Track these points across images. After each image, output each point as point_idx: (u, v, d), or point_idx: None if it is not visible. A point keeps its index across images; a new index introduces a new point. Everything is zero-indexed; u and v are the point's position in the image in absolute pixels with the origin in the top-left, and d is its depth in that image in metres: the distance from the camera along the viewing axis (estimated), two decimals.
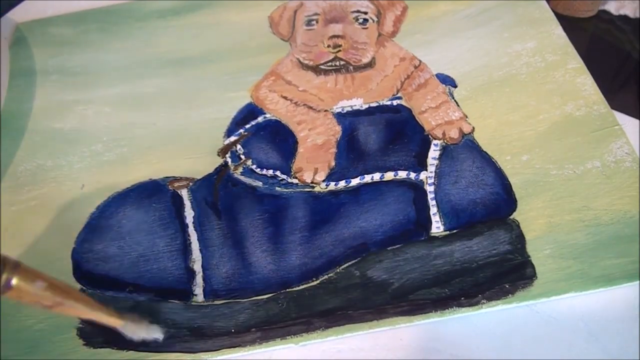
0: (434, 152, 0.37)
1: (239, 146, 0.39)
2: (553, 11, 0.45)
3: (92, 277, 0.34)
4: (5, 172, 0.40)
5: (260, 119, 0.41)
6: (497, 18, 0.45)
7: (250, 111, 0.42)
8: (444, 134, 0.38)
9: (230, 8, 0.49)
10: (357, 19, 0.44)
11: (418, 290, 0.32)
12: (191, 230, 0.35)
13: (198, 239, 0.35)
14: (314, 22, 0.45)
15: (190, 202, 0.36)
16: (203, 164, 0.39)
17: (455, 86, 0.41)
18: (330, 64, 0.43)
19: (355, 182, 0.37)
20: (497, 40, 0.44)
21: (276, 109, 0.41)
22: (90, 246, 0.35)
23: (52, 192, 0.39)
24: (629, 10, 0.48)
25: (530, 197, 0.35)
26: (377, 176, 0.37)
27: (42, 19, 0.51)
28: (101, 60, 0.47)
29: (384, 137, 0.39)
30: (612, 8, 0.48)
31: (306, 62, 0.43)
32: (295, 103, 0.41)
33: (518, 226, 0.34)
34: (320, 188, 0.37)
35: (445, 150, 0.38)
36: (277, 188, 0.37)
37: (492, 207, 0.35)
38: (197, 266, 0.34)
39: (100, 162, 0.40)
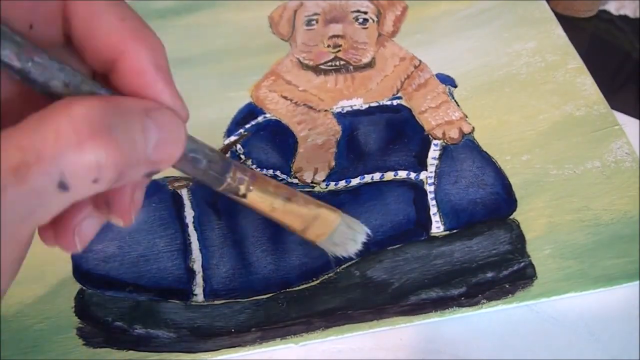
0: (434, 152, 0.37)
1: (239, 146, 0.39)
2: (553, 11, 0.45)
3: (92, 277, 0.34)
4: None
5: (260, 118, 0.41)
6: (497, 18, 0.45)
7: (250, 111, 0.42)
8: (444, 133, 0.38)
9: (230, 8, 0.49)
10: (357, 19, 0.44)
11: (418, 290, 0.32)
12: (191, 230, 0.35)
13: (198, 239, 0.35)
14: (314, 22, 0.45)
15: (190, 201, 0.36)
16: None
17: (455, 86, 0.41)
18: (330, 63, 0.43)
19: (355, 182, 0.37)
20: (497, 40, 0.44)
21: (276, 108, 0.41)
22: (90, 246, 0.35)
23: None
24: (629, 10, 0.48)
25: (530, 197, 0.35)
26: (377, 176, 0.37)
27: None
28: None
29: (384, 137, 0.39)
30: (612, 8, 0.48)
31: (306, 62, 0.43)
32: (296, 103, 0.41)
33: (518, 226, 0.34)
34: (321, 188, 0.37)
35: (445, 150, 0.38)
36: None
37: (492, 207, 0.35)
38: (197, 266, 0.34)
39: None
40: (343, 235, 0.26)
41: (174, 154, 0.18)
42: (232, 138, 0.40)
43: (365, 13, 0.45)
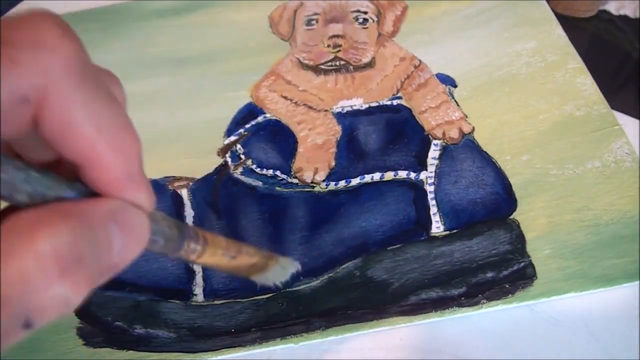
0: (434, 152, 0.37)
1: (239, 146, 0.39)
2: (553, 11, 0.45)
3: None
4: None
5: (260, 118, 0.41)
6: (497, 18, 0.45)
7: (250, 111, 0.42)
8: (444, 133, 0.38)
9: (230, 8, 0.49)
10: (357, 19, 0.44)
11: (418, 290, 0.32)
12: None
13: None
14: (314, 22, 0.45)
15: (190, 201, 0.36)
16: (203, 164, 0.39)
17: (455, 86, 0.41)
18: (330, 63, 0.43)
19: (355, 182, 0.37)
20: (497, 40, 0.44)
21: (276, 108, 0.41)
22: None
23: None
24: (629, 10, 0.48)
25: (530, 197, 0.35)
26: (377, 176, 0.37)
27: None
28: (101, 60, 0.46)
29: (384, 137, 0.39)
30: (612, 8, 0.48)
31: (306, 61, 0.43)
32: (295, 103, 0.41)
33: (518, 226, 0.34)
34: (320, 188, 0.37)
35: (445, 150, 0.38)
36: (277, 188, 0.37)
37: (492, 207, 0.35)
38: (197, 266, 0.34)
39: None
40: (275, 274, 0.28)
41: (137, 252, 0.17)
42: (232, 138, 0.40)
43: (365, 13, 0.45)
